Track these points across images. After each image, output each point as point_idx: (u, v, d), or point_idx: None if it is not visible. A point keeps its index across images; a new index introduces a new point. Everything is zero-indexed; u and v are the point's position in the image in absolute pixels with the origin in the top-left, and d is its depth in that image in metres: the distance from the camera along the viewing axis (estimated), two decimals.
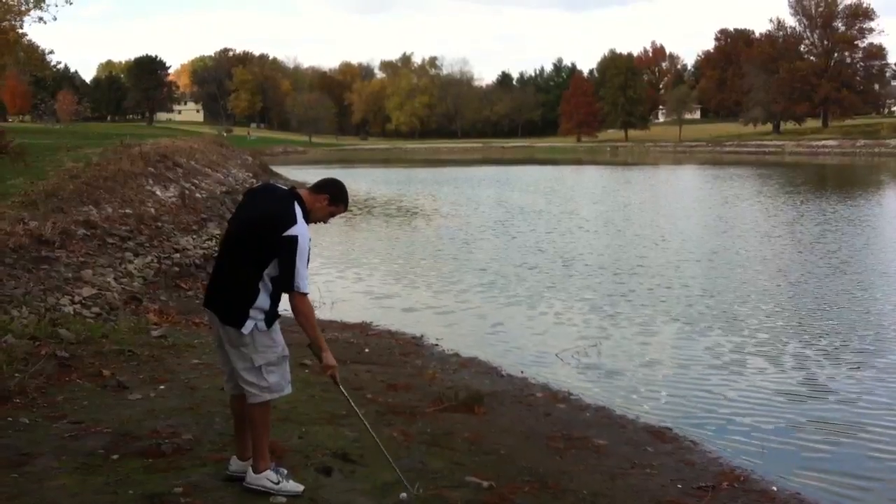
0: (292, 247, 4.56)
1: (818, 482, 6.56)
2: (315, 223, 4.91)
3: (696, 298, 13.96)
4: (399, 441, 6.15)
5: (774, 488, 6.25)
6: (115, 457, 5.36)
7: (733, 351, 10.62)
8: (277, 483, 4.81)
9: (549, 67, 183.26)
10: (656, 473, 6.28)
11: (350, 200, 5.09)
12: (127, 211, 18.08)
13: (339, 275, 17.14)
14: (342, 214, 5.12)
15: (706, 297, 14.10)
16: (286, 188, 4.97)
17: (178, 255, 16.30)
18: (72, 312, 10.53)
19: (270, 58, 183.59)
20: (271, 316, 4.74)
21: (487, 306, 13.74)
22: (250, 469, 4.87)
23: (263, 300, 4.68)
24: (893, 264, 17.02)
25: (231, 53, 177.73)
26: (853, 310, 12.87)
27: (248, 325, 4.65)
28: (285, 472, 4.94)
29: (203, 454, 5.42)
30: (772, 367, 9.87)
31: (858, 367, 9.82)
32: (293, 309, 4.72)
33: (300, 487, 4.88)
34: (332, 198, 4.88)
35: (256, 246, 4.64)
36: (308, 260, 4.68)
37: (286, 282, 4.62)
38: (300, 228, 4.60)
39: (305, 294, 4.68)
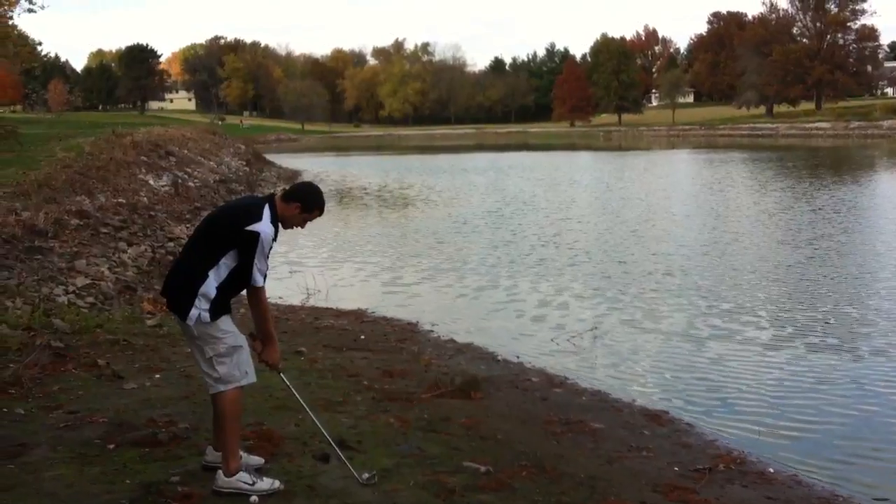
0: (252, 243, 4.58)
1: (814, 463, 6.58)
2: (293, 228, 4.94)
3: (692, 284, 13.97)
4: (396, 427, 6.15)
5: (771, 469, 6.27)
6: (111, 446, 5.35)
7: (729, 334, 10.63)
8: (253, 484, 4.65)
9: (541, 52, 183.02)
10: (653, 456, 6.29)
11: (331, 196, 5.07)
12: (120, 200, 18.02)
13: (334, 262, 17.12)
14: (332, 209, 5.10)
15: (702, 282, 14.10)
16: (265, 195, 4.98)
17: (171, 243, 16.26)
18: (66, 302, 10.49)
19: (262, 45, 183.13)
20: (217, 307, 4.63)
21: (483, 292, 13.73)
22: (220, 472, 4.68)
23: (210, 287, 4.60)
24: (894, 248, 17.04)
25: (222, 41, 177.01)
26: (851, 294, 12.86)
27: (193, 315, 4.58)
28: (256, 463, 4.90)
29: (199, 443, 5.40)
30: (768, 351, 9.89)
31: (855, 350, 9.83)
32: (248, 300, 4.80)
33: (276, 483, 4.73)
34: (304, 206, 4.84)
35: (215, 234, 4.69)
36: (267, 257, 4.70)
37: (245, 276, 4.65)
38: (263, 227, 4.60)
39: (260, 288, 4.71)
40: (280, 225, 4.81)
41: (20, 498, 4.51)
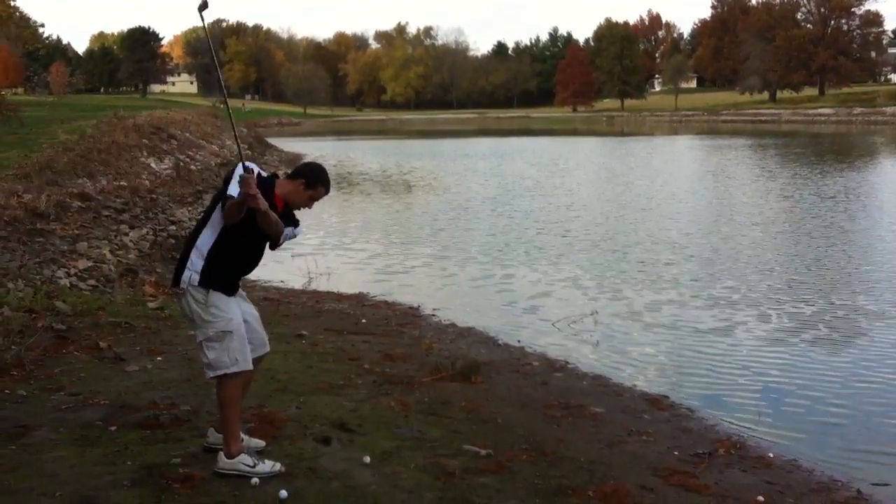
0: (229, 176, 4.54)
1: (814, 448, 6.58)
2: (299, 209, 4.87)
3: (693, 269, 13.97)
4: (397, 410, 6.17)
5: (771, 454, 6.28)
6: (113, 428, 5.37)
7: (730, 320, 10.64)
8: (254, 466, 4.63)
9: (544, 37, 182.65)
10: (653, 441, 6.31)
11: (331, 181, 4.96)
12: (122, 183, 18.01)
13: (336, 246, 17.11)
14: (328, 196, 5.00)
15: (703, 268, 14.11)
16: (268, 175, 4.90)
17: (173, 227, 16.26)
18: (68, 285, 10.50)
19: (264, 28, 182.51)
20: (209, 270, 4.56)
21: (484, 277, 13.73)
22: (221, 454, 4.67)
23: (204, 241, 4.60)
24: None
25: (224, 24, 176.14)
26: (856, 283, 12.82)
27: (185, 278, 4.57)
28: (256, 445, 4.92)
29: (201, 425, 5.42)
30: (769, 337, 9.88)
31: (858, 338, 9.83)
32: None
33: (277, 465, 4.73)
34: (308, 182, 4.79)
35: (213, 201, 4.75)
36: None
37: (240, 237, 4.60)
38: (239, 169, 4.50)
39: (238, 202, 4.43)
40: (286, 205, 4.77)
41: (22, 479, 4.53)
